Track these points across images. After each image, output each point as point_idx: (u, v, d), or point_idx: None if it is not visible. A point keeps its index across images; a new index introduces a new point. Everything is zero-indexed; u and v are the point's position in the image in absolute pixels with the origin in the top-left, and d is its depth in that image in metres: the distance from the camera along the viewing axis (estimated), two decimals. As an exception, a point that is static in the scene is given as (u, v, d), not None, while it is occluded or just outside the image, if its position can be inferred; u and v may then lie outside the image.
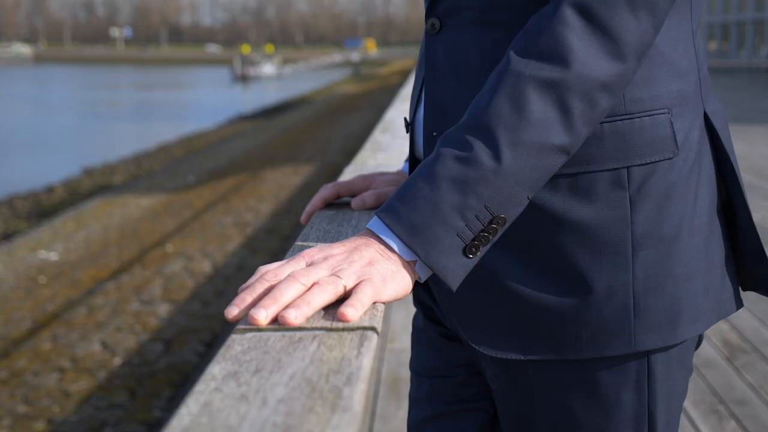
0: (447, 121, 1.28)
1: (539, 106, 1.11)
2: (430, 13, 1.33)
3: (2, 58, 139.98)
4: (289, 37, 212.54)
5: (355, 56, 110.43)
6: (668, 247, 1.26)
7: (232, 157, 21.61)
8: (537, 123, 1.11)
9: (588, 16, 1.12)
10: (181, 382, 6.65)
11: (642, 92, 1.24)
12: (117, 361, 7.08)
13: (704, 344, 4.66)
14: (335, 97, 45.39)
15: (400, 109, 6.50)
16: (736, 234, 1.36)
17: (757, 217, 7.75)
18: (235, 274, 9.71)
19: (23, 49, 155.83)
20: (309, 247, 1.28)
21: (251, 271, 9.76)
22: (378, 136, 3.66)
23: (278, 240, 11.23)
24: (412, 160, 1.45)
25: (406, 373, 3.92)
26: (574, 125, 1.12)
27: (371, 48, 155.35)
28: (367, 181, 1.66)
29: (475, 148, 1.10)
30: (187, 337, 7.57)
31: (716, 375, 4.35)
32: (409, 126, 1.47)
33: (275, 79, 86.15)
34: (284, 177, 16.53)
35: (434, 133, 1.33)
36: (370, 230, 1.14)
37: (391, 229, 1.11)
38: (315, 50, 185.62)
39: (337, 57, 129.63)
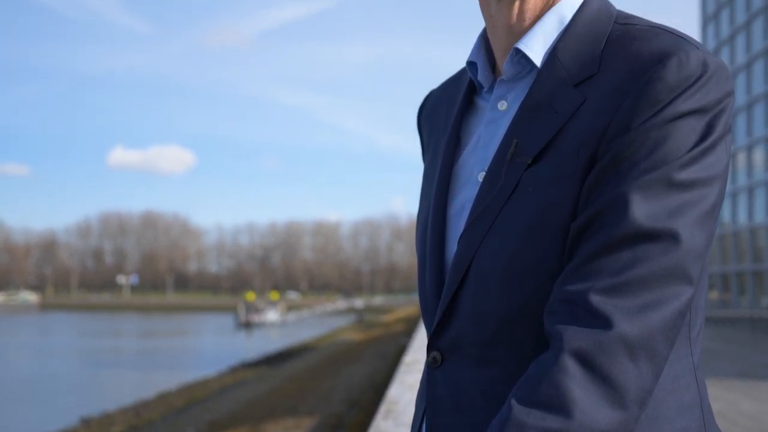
0: (449, 457, 1.27)
1: (543, 458, 1.09)
2: (431, 346, 1.35)
3: (8, 306, 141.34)
4: (293, 284, 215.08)
5: (358, 303, 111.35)
6: None
7: (232, 408, 21.30)
8: None
9: (588, 365, 1.12)
10: None
11: (646, 431, 1.23)
12: None
13: None
14: (338, 345, 45.34)
15: (403, 383, 6.41)
16: None
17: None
18: None
19: (29, 297, 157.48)
20: None
21: None
22: (380, 422, 3.53)
23: (277, 501, 10.86)
24: (413, 488, 1.42)
25: None
26: (577, 476, 1.10)
27: None
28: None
29: (478, 500, 1.08)
30: None
31: None
32: None
33: (279, 325, 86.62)
34: (285, 431, 16.22)
35: (435, 469, 1.31)
36: None
37: None
38: (319, 297, 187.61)
39: (341, 304, 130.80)
